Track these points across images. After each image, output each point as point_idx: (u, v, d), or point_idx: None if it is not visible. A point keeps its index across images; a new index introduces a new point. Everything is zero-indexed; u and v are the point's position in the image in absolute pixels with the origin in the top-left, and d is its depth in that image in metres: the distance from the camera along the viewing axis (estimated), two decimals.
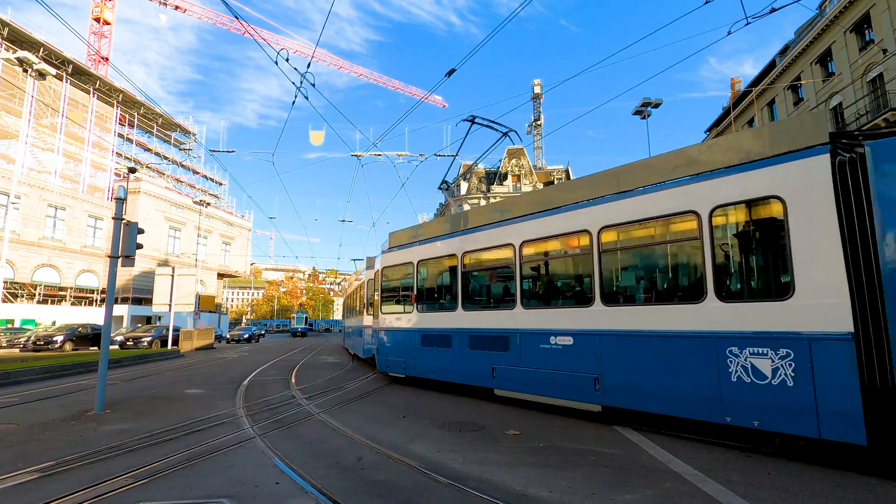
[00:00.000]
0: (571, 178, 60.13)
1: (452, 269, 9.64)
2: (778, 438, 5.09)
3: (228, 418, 7.02)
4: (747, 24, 8.78)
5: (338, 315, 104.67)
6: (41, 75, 19.84)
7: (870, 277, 4.50)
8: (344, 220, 31.57)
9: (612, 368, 6.43)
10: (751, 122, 33.58)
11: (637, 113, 25.87)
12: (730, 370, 5.19)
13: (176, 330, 25.82)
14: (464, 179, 61.15)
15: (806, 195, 4.85)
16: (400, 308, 11.36)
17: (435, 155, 22.74)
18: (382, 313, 12.04)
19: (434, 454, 5.14)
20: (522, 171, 59.61)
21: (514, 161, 60.13)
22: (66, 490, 3.94)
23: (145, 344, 23.72)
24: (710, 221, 5.52)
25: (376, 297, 12.67)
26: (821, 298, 4.67)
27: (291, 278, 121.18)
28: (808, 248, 4.81)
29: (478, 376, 8.63)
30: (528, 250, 7.97)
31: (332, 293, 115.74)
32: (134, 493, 3.94)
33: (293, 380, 11.79)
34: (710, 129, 39.66)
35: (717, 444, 5.38)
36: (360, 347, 16.47)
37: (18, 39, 30.16)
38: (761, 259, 5.48)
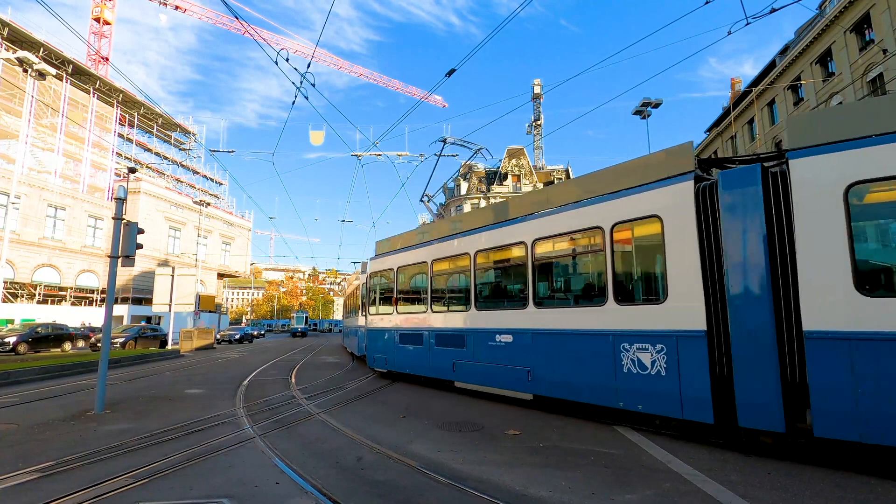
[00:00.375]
0: (571, 177, 59.92)
1: (423, 276, 10.68)
2: (657, 420, 6.00)
3: (228, 418, 7.02)
4: (747, 24, 8.79)
5: (338, 315, 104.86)
6: (41, 75, 19.83)
7: (721, 285, 5.35)
8: (344, 220, 31.60)
9: (540, 362, 7.42)
10: (751, 122, 33.59)
11: (637, 113, 25.88)
12: (622, 362, 6.15)
13: (155, 330, 24.63)
14: (464, 179, 61.18)
15: (676, 215, 5.74)
16: (384, 310, 12.40)
17: (435, 155, 22.71)
18: (370, 315, 13.30)
19: (434, 454, 5.14)
20: (522, 171, 59.61)
21: (514, 161, 60.11)
22: (66, 490, 3.93)
23: (118, 346, 21.44)
24: (612, 236, 6.46)
25: (365, 300, 13.93)
26: (685, 302, 5.58)
27: (291, 278, 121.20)
28: (677, 259, 5.70)
29: (442, 370, 9.65)
30: (480, 259, 8.98)
31: (332, 293, 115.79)
32: (134, 493, 3.93)
33: (293, 380, 11.79)
34: (710, 129, 39.67)
35: (717, 445, 5.38)
36: (356, 346, 17.50)
37: (18, 39, 30.15)
38: (647, 268, 6.43)
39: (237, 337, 36.19)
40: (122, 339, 22.13)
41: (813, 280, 4.65)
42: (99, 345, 21.52)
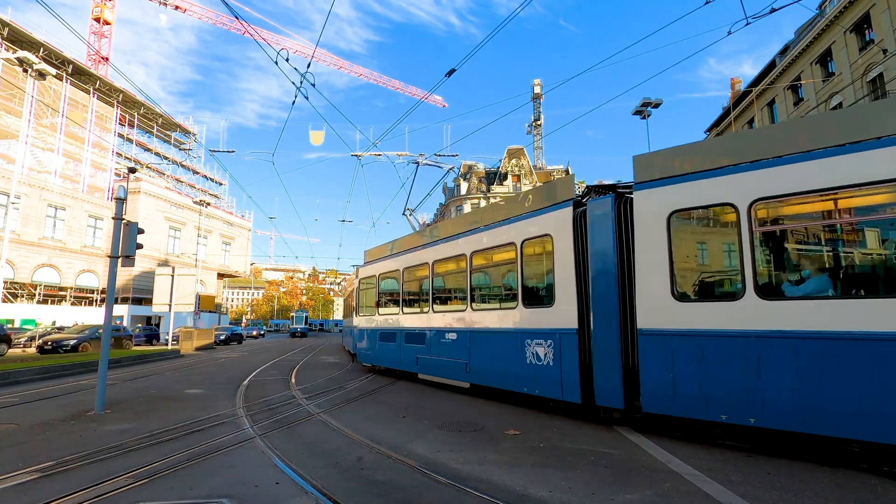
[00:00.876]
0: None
1: (397, 282, 12.23)
2: (551, 402, 7.28)
3: (228, 418, 7.02)
4: (747, 24, 8.79)
5: (338, 315, 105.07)
6: (41, 75, 19.82)
7: (588, 291, 6.59)
8: (344, 220, 31.58)
9: (474, 355, 8.78)
10: (751, 123, 33.55)
11: (637, 113, 25.86)
12: (526, 355, 7.47)
13: (117, 330, 22.08)
14: (464, 179, 61.15)
15: (561, 234, 7.00)
16: (370, 312, 13.93)
17: (435, 155, 22.73)
18: (359, 315, 15.01)
19: (434, 454, 5.14)
20: (522, 171, 59.59)
21: (514, 161, 60.08)
22: (66, 490, 3.93)
23: (69, 348, 18.99)
24: (522, 250, 7.81)
25: (356, 303, 15.77)
26: (566, 305, 6.86)
27: (291, 278, 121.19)
28: (561, 271, 6.96)
29: (409, 364, 11.13)
30: (437, 268, 10.37)
31: (332, 293, 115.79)
32: (134, 493, 3.93)
33: (293, 380, 11.79)
34: (710, 129, 39.65)
35: (717, 444, 5.38)
36: (352, 344, 18.91)
37: (18, 39, 30.15)
38: (544, 277, 7.55)
39: (223, 338, 30.46)
40: (73, 341, 19.42)
41: (645, 288, 5.87)
42: (47, 346, 19.40)
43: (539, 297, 7.60)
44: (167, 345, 24.34)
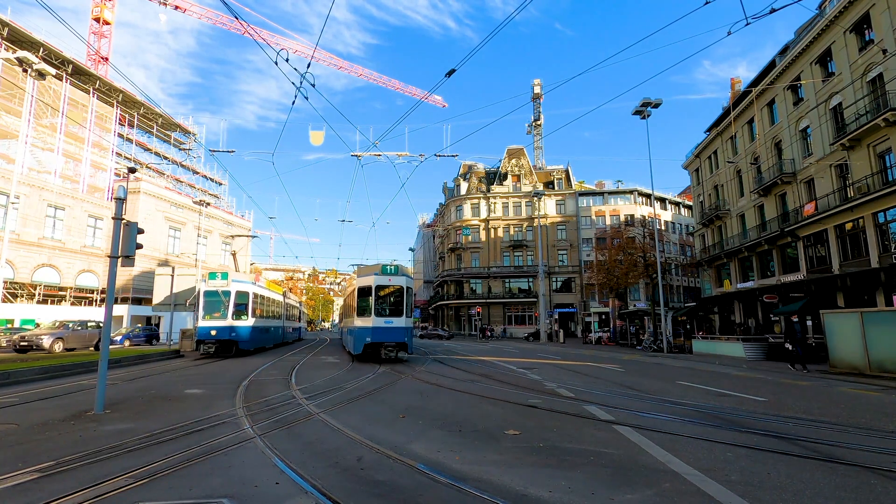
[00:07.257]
0: (571, 177, 60.19)
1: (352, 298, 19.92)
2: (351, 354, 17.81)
3: (228, 418, 7.01)
4: (747, 24, 8.79)
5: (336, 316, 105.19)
6: (41, 75, 19.77)
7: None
8: (344, 220, 31.58)
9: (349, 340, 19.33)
10: (751, 123, 33.54)
11: (637, 113, 25.88)
12: (351, 337, 17.74)
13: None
14: (464, 180, 61.08)
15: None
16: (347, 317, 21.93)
17: (435, 155, 22.77)
18: (345, 318, 24.30)
19: (434, 454, 5.14)
20: (522, 171, 59.54)
21: (513, 161, 60.00)
22: (66, 490, 3.93)
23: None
24: (357, 291, 16.23)
25: (342, 311, 23.02)
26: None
27: (291, 278, 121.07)
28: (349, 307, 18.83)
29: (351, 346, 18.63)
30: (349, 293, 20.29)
31: (332, 293, 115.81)
32: (134, 493, 3.93)
33: (293, 380, 11.78)
34: (709, 129, 39.64)
35: (717, 443, 5.38)
36: (342, 337, 25.82)
37: (18, 39, 30.13)
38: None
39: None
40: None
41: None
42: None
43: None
44: (167, 344, 24.31)
